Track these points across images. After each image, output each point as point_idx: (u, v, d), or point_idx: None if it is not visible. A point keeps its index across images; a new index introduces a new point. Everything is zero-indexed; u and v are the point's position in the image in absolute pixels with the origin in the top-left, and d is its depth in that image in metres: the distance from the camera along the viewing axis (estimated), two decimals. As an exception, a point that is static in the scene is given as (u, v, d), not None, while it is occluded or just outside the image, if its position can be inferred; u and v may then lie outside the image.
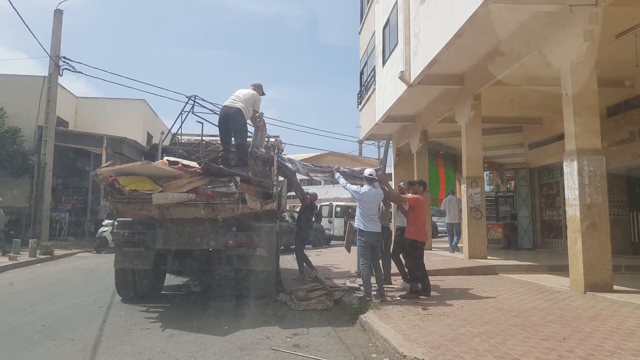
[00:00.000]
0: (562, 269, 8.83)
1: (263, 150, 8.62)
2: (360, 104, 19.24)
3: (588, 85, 7.18)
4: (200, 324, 5.79)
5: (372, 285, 6.92)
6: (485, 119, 12.13)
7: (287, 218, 17.71)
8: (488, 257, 11.17)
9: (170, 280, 8.99)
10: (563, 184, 7.90)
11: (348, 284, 8.07)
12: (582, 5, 6.82)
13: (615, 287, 6.98)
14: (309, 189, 14.53)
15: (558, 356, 3.92)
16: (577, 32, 6.99)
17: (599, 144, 7.16)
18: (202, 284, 8.87)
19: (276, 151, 7.68)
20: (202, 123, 9.28)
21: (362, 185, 7.05)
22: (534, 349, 4.14)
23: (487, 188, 22.40)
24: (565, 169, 7.26)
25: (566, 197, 7.34)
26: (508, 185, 20.33)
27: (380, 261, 7.59)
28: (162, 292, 7.99)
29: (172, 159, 6.91)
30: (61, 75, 17.17)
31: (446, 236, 16.28)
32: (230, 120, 7.60)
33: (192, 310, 6.68)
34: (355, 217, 7.03)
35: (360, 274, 7.36)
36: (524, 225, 15.94)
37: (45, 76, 17.61)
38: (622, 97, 11.57)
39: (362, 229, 6.87)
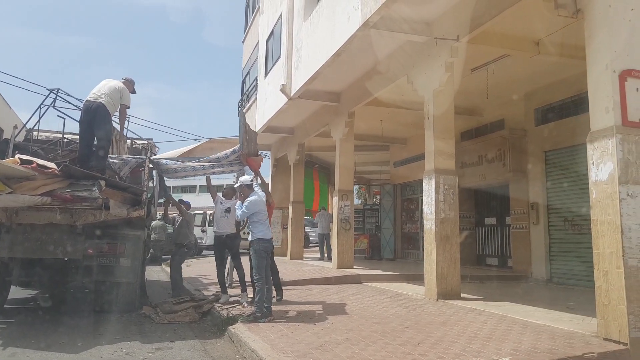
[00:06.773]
0: (418, 278, 9.55)
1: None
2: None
3: (447, 112, 7.96)
4: (50, 341, 5.22)
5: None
6: (357, 136, 12.82)
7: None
8: (354, 267, 11.74)
9: (16, 292, 7.97)
10: (422, 199, 8.60)
11: (220, 300, 7.49)
12: (446, 39, 7.56)
13: (463, 295, 7.73)
14: (182, 196, 13.97)
15: (412, 360, 4.25)
16: (440, 63, 7.74)
17: (454, 165, 7.95)
18: (54, 298, 7.99)
19: (148, 154, 7.29)
20: (64, 119, 8.47)
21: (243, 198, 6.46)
22: (392, 354, 4.44)
23: (356, 201, 23.57)
24: (425, 186, 7.93)
25: (424, 211, 8.02)
26: (374, 199, 21.64)
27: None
28: (5, 305, 7.03)
29: (25, 157, 6.22)
30: None
31: (317, 246, 17.33)
32: (91, 116, 6.92)
33: (40, 327, 6.01)
34: (254, 227, 6.30)
35: (255, 289, 6.17)
36: (387, 236, 17.08)
37: None
38: (473, 125, 13.03)
39: (261, 237, 6.29)
